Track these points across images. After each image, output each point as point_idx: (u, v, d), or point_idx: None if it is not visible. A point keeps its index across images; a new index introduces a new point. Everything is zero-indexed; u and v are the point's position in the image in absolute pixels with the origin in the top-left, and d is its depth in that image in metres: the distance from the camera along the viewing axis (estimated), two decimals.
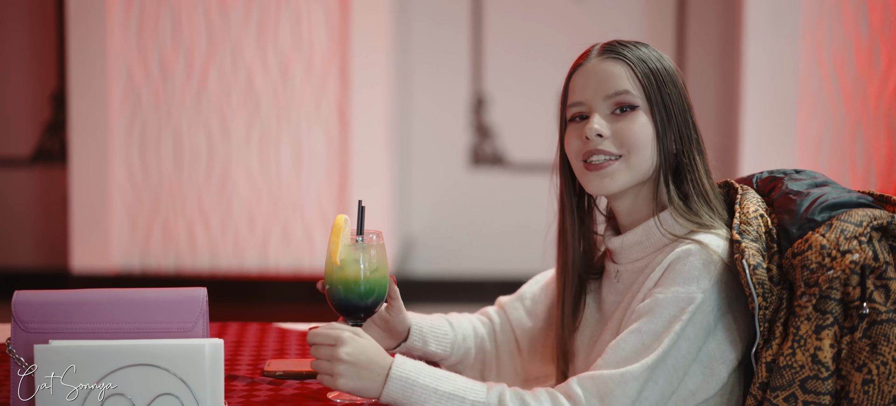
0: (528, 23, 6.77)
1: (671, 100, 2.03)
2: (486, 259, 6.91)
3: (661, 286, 1.94)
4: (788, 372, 1.85)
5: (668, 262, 1.94)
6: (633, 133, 2.02)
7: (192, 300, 1.90)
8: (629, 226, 2.09)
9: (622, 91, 2.03)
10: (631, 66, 2.04)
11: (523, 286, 2.36)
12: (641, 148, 2.02)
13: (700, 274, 1.92)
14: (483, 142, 6.89)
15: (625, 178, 2.03)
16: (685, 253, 1.94)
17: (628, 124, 2.02)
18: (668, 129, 2.02)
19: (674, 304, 1.91)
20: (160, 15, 6.11)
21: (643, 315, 1.93)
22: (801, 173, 2.08)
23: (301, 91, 6.15)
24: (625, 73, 2.04)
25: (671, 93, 2.03)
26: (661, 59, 2.07)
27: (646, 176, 2.04)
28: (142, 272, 6.24)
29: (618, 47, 2.07)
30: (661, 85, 2.03)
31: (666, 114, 2.02)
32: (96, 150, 6.15)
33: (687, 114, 2.05)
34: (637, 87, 2.03)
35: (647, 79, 2.03)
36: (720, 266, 1.93)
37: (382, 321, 2.15)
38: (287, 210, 6.22)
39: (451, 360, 2.26)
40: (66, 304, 1.89)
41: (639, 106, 2.03)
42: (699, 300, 1.91)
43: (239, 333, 2.45)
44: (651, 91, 2.02)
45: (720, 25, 6.57)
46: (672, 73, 2.06)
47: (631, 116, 2.02)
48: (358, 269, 1.95)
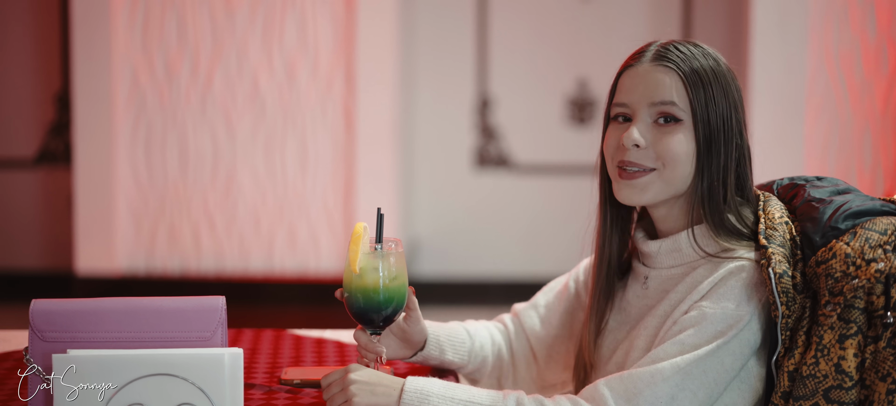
0: (533, 24, 6.76)
1: (718, 113, 1.98)
2: (491, 260, 6.90)
3: (709, 300, 1.90)
4: (812, 381, 1.83)
5: (721, 276, 1.91)
6: (672, 148, 1.98)
7: (210, 309, 1.89)
8: (666, 232, 2.06)
9: (668, 101, 1.98)
10: (682, 76, 1.99)
11: (538, 294, 2.33)
12: (679, 164, 1.98)
13: (751, 293, 1.89)
14: (488, 143, 6.87)
15: (657, 191, 2.00)
16: (739, 269, 1.91)
17: (669, 138, 1.98)
18: (712, 147, 1.98)
19: (722, 320, 1.88)
20: (165, 16, 6.09)
21: (688, 327, 1.90)
22: (822, 180, 2.06)
23: (306, 93, 6.13)
24: (674, 83, 1.99)
25: (719, 105, 1.98)
26: (712, 63, 2.02)
27: (681, 191, 2.01)
28: (147, 275, 6.23)
29: (671, 54, 2.01)
30: (710, 97, 1.97)
31: (710, 131, 1.98)
32: (101, 151, 6.14)
33: (733, 126, 2.00)
34: (684, 100, 1.98)
35: (695, 91, 1.98)
36: (761, 285, 1.91)
37: (400, 331, 2.13)
38: (292, 212, 6.21)
39: (468, 369, 2.24)
40: (84, 312, 1.87)
41: (683, 120, 1.99)
42: (747, 319, 1.89)
43: (254, 341, 2.43)
44: (698, 106, 1.97)
45: (727, 27, 6.56)
46: (724, 80, 2.01)
47: (673, 129, 1.98)
48: (377, 277, 1.93)
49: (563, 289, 2.30)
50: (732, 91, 2.01)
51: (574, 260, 7.26)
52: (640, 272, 2.10)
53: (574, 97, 6.80)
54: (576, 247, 7.26)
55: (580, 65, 6.78)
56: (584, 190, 7.09)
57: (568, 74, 6.79)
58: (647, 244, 2.08)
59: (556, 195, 6.86)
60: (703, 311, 1.90)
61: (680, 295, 1.98)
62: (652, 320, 2.01)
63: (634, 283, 2.11)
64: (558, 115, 6.82)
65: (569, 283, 2.29)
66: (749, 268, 1.91)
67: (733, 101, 2.00)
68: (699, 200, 1.99)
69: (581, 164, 6.81)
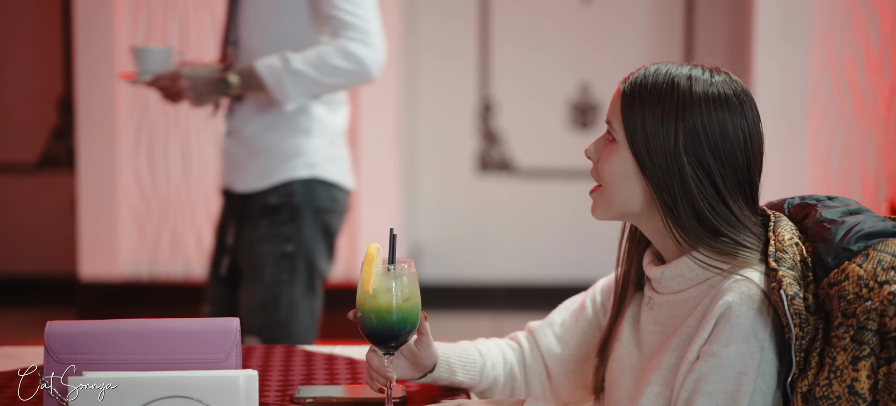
0: (535, 28, 6.77)
1: (650, 136, 1.96)
2: (493, 265, 6.91)
3: (717, 343, 1.90)
4: (825, 403, 1.84)
5: (716, 317, 1.91)
6: (605, 168, 2.02)
7: (224, 331, 1.90)
8: (666, 255, 2.07)
9: (608, 121, 2.03)
10: (622, 95, 2.01)
11: (554, 312, 2.33)
12: (612, 183, 2.01)
13: (755, 325, 1.90)
14: (491, 147, 6.88)
15: (602, 209, 2.05)
16: (733, 306, 1.90)
17: (606, 157, 2.02)
18: (652, 171, 1.96)
19: (738, 361, 1.89)
20: (168, 20, 6.10)
21: (706, 374, 1.90)
22: (833, 200, 2.06)
23: None
24: (618, 102, 2.02)
25: (652, 128, 1.96)
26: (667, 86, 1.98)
27: (634, 211, 2.02)
28: (150, 280, 6.23)
29: (637, 74, 2.03)
30: (642, 123, 1.96)
31: (643, 153, 1.97)
32: (104, 156, 6.15)
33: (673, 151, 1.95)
34: (619, 119, 2.00)
35: (629, 111, 1.98)
36: (768, 308, 1.91)
37: (410, 354, 2.13)
38: None
39: (479, 388, 2.24)
40: (99, 334, 1.88)
41: (617, 140, 2.01)
42: (761, 353, 1.90)
43: (265, 357, 2.44)
44: (628, 124, 1.98)
45: (729, 32, 6.57)
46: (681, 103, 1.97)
47: (610, 148, 2.02)
48: (390, 298, 1.94)
49: (580, 308, 2.30)
50: (688, 121, 1.97)
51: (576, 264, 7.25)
52: (649, 296, 2.11)
53: (576, 101, 6.80)
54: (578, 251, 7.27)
55: (582, 69, 6.79)
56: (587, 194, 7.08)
57: (570, 79, 6.80)
58: (652, 270, 2.09)
59: (559, 199, 6.86)
60: (717, 357, 1.90)
61: (691, 329, 1.98)
62: (668, 355, 2.00)
63: (646, 309, 2.12)
64: (561, 120, 6.83)
65: (585, 302, 2.29)
66: (745, 301, 1.91)
67: (689, 130, 1.96)
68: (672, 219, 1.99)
69: (583, 168, 6.81)
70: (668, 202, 1.98)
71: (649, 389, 2.00)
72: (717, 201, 1.98)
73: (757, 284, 1.93)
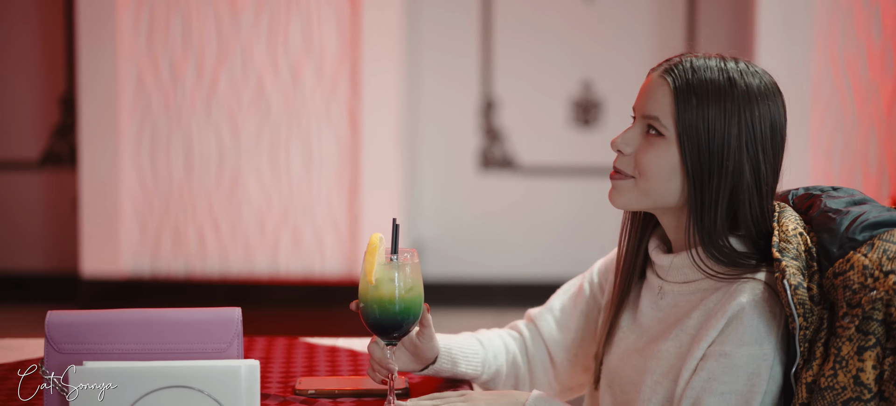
0: (537, 25, 6.75)
1: (710, 133, 1.94)
2: (495, 262, 6.90)
3: (729, 344, 1.89)
4: (830, 393, 1.83)
5: (728, 317, 1.90)
6: (647, 161, 1.98)
7: (226, 320, 1.89)
8: (677, 246, 2.05)
9: (652, 116, 1.98)
10: (674, 90, 1.97)
11: (552, 297, 2.32)
12: (653, 177, 1.97)
13: (768, 329, 1.89)
14: (492, 145, 6.87)
15: (631, 198, 2.01)
16: (746, 308, 1.88)
17: (648, 150, 1.98)
18: (702, 168, 1.94)
19: (749, 362, 1.88)
20: (170, 18, 6.09)
21: (718, 374, 1.89)
22: (838, 190, 2.05)
23: (311, 95, 6.13)
24: (664, 97, 1.97)
25: (711, 124, 1.93)
26: (725, 81, 1.96)
27: (667, 204, 2.00)
28: (152, 277, 6.22)
29: (677, 67, 1.98)
30: (701, 119, 1.93)
31: (698, 150, 1.94)
32: (106, 153, 6.14)
33: (728, 149, 1.94)
34: (668, 116, 1.97)
35: (684, 107, 1.95)
36: (781, 310, 1.90)
37: (411, 345, 2.12)
38: (297, 214, 6.21)
39: (481, 379, 2.23)
40: (100, 324, 1.87)
41: (666, 136, 1.98)
42: (773, 355, 1.89)
43: (266, 349, 2.43)
44: (683, 121, 1.94)
45: (731, 29, 6.55)
46: (736, 99, 1.95)
47: (655, 143, 1.97)
48: (393, 288, 1.93)
49: (578, 291, 2.28)
50: (746, 116, 1.95)
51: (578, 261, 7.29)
52: (654, 283, 2.09)
53: (579, 99, 6.79)
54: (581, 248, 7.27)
55: (585, 66, 6.78)
56: (589, 192, 7.12)
57: (572, 76, 6.79)
58: (660, 257, 2.07)
59: (561, 197, 6.85)
60: (729, 357, 1.89)
61: (695, 322, 1.96)
62: (667, 345, 1.99)
63: (648, 292, 2.10)
64: (563, 117, 6.82)
65: (583, 285, 2.28)
66: (760, 296, 1.90)
67: (747, 125, 1.95)
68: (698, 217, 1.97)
69: (586, 165, 6.81)
70: (705, 200, 1.96)
71: (649, 378, 2.00)
72: (755, 197, 1.97)
73: (769, 285, 1.92)
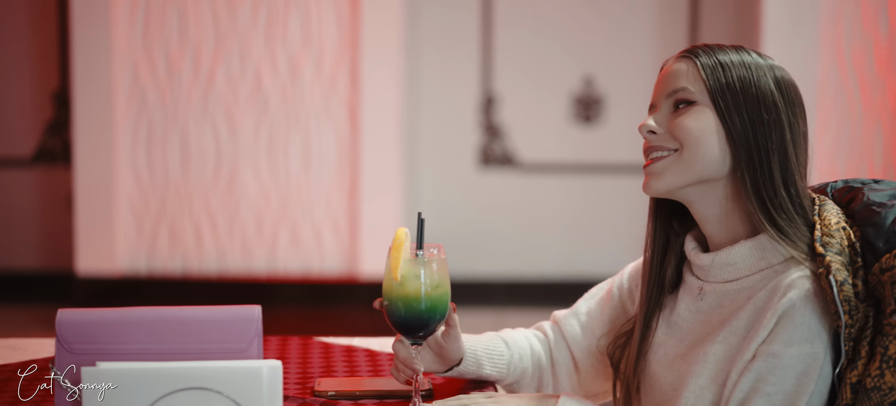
0: (538, 20, 6.69)
1: (741, 92, 1.89)
2: (495, 260, 6.82)
3: (779, 343, 1.81)
4: (877, 394, 1.75)
5: (780, 313, 1.81)
6: (685, 124, 1.90)
7: (246, 319, 1.80)
8: (717, 242, 1.96)
9: (680, 88, 1.92)
10: (696, 62, 1.92)
11: (579, 301, 2.23)
12: (696, 143, 1.89)
13: (819, 327, 1.80)
14: (493, 141, 6.80)
15: (676, 174, 1.91)
16: (797, 304, 1.80)
17: (683, 117, 1.91)
18: (739, 122, 1.89)
19: (799, 361, 1.80)
20: (166, 12, 6.00)
21: (766, 375, 1.81)
22: (879, 183, 1.97)
23: (310, 90, 6.05)
24: (689, 69, 1.92)
25: (742, 86, 1.89)
26: (742, 56, 1.93)
27: (710, 175, 1.91)
28: (148, 275, 6.14)
29: (695, 48, 1.95)
30: (731, 79, 1.88)
31: (733, 106, 1.89)
32: (101, 150, 6.05)
33: (765, 105, 1.89)
34: (697, 82, 1.91)
35: (710, 71, 1.90)
36: (831, 308, 1.82)
37: (436, 346, 2.03)
38: (296, 211, 6.13)
39: (507, 381, 2.14)
40: (114, 323, 1.78)
41: (697, 101, 1.91)
42: (824, 354, 1.80)
43: (280, 349, 2.34)
44: (714, 82, 1.89)
45: (735, 24, 6.48)
46: (753, 71, 1.91)
47: (688, 110, 1.91)
48: (419, 285, 1.85)
49: (607, 296, 2.19)
50: (773, 74, 1.93)
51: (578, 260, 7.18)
52: (693, 284, 2.00)
53: (580, 95, 6.72)
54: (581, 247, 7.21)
55: (586, 62, 6.71)
56: (590, 189, 7.04)
57: (574, 72, 6.72)
58: (699, 257, 1.98)
59: (562, 194, 6.79)
60: (777, 357, 1.80)
61: (744, 322, 1.88)
62: (715, 348, 1.90)
63: (686, 296, 2.01)
64: (564, 114, 6.75)
65: (612, 289, 2.19)
66: (810, 299, 1.81)
67: (775, 81, 1.92)
68: (753, 193, 1.89)
69: (587, 162, 6.74)
70: (755, 158, 1.89)
71: (693, 383, 1.90)
72: (798, 163, 1.93)
73: (816, 288, 1.83)
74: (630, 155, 6.72)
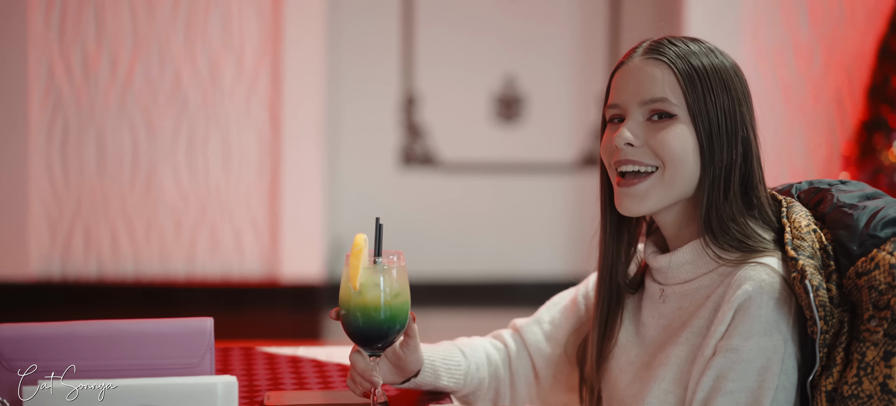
0: (460, 19, 6.63)
1: (718, 107, 1.84)
2: (417, 261, 6.74)
3: (737, 337, 1.75)
4: (854, 402, 1.70)
5: (736, 306, 1.76)
6: (669, 143, 1.84)
7: (198, 332, 1.71)
8: (676, 243, 1.91)
9: (659, 98, 1.85)
10: (673, 69, 1.85)
11: (541, 309, 2.16)
12: (679, 162, 1.84)
13: (778, 317, 1.75)
14: (414, 141, 6.73)
15: (658, 197, 1.86)
16: (753, 296, 1.75)
17: (665, 133, 1.84)
18: (714, 143, 1.84)
19: (759, 355, 1.74)
20: (83, 10, 5.85)
21: (726, 371, 1.75)
22: (846, 184, 1.93)
23: (231, 91, 5.93)
24: (666, 77, 1.85)
25: (718, 98, 1.84)
26: (711, 57, 1.87)
27: (686, 194, 1.87)
28: (62, 280, 5.97)
29: (665, 48, 1.88)
30: (707, 90, 1.84)
31: (710, 124, 1.84)
32: (14, 151, 5.88)
33: (737, 121, 1.86)
34: (676, 93, 1.85)
35: (689, 83, 1.84)
36: (790, 297, 1.77)
37: (394, 357, 1.95)
38: (215, 213, 6.00)
39: (463, 392, 2.07)
40: (56, 338, 1.68)
41: (677, 115, 1.85)
42: (784, 345, 1.75)
43: (221, 360, 2.24)
44: (694, 98, 1.84)
45: (657, 22, 6.48)
46: (724, 74, 1.86)
47: (668, 125, 1.85)
48: (378, 294, 1.77)
49: (571, 304, 2.13)
50: (736, 85, 1.88)
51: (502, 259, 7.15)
52: (653, 290, 1.95)
53: (501, 94, 6.68)
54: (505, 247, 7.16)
55: (507, 61, 6.67)
56: (512, 189, 7.00)
57: (495, 71, 6.68)
58: (656, 259, 1.93)
59: (484, 194, 6.74)
60: (737, 352, 1.75)
61: (704, 321, 1.83)
62: (677, 350, 1.84)
63: (649, 301, 1.96)
64: (485, 113, 6.70)
65: (577, 298, 2.13)
66: (766, 290, 1.76)
67: (737, 95, 1.87)
68: (710, 198, 1.85)
69: (508, 162, 6.70)
70: (722, 177, 1.85)
71: (657, 387, 1.85)
72: (760, 171, 1.91)
73: (776, 271, 1.78)
74: (552, 153, 6.69)
